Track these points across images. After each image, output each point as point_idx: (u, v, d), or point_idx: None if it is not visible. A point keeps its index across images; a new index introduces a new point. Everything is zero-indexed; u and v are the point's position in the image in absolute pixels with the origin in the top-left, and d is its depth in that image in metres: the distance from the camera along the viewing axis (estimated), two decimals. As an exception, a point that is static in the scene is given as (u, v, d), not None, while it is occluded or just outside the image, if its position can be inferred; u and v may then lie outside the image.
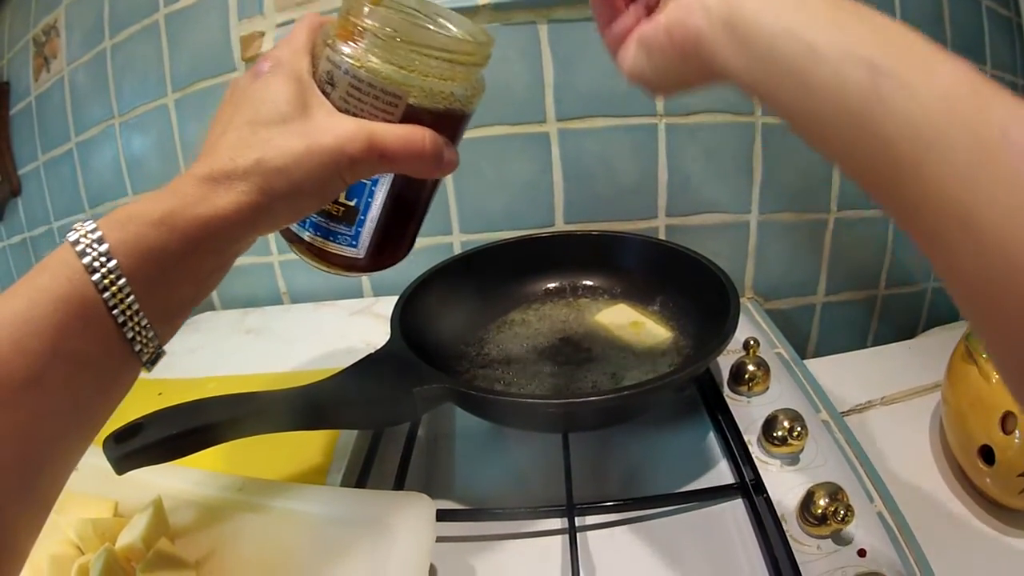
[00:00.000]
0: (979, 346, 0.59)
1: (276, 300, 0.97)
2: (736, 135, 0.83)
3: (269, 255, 0.94)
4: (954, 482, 0.60)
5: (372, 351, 0.57)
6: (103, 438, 0.48)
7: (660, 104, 0.81)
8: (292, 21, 0.83)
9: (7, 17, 1.06)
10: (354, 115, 0.37)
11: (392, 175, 0.41)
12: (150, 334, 0.31)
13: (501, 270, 0.76)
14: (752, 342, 0.65)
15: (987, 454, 0.55)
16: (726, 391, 0.64)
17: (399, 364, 0.56)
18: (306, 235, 0.44)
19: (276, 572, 0.46)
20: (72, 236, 0.29)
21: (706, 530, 0.51)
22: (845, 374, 0.76)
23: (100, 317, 0.29)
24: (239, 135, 0.34)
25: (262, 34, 0.85)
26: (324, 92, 0.37)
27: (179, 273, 0.31)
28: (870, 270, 0.92)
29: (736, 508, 0.53)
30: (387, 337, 0.60)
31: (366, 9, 0.37)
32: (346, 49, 0.37)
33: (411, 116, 0.38)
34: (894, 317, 0.96)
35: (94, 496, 0.52)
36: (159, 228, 0.30)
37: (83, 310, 0.28)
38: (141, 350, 0.31)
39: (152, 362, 0.32)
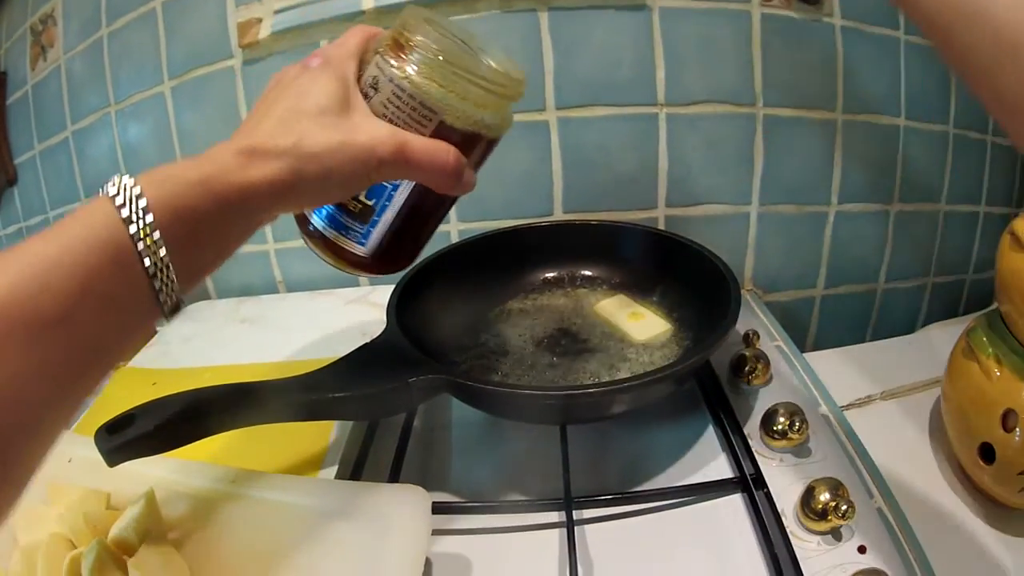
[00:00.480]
0: (980, 342, 0.59)
1: (272, 289, 0.96)
2: (737, 126, 0.82)
3: (265, 243, 0.93)
4: (954, 479, 0.60)
5: (368, 340, 0.57)
6: (95, 430, 0.47)
7: (661, 93, 0.80)
8: (290, 8, 0.82)
9: (5, 7, 1.05)
10: (390, 122, 0.40)
11: (413, 184, 0.44)
12: (175, 287, 0.32)
13: (499, 259, 0.75)
14: (752, 334, 0.65)
15: (987, 452, 0.55)
16: (725, 384, 0.63)
17: (395, 354, 0.55)
18: (323, 228, 0.46)
19: (269, 564, 0.46)
20: (111, 190, 0.31)
21: (705, 525, 0.51)
22: (844, 368, 0.76)
23: (131, 264, 0.31)
24: (281, 119, 0.36)
25: (259, 20, 0.84)
26: (366, 96, 0.40)
27: (208, 234, 0.33)
28: (870, 264, 0.91)
29: (735, 503, 0.52)
30: (384, 326, 0.59)
31: (420, 28, 0.41)
32: (394, 61, 0.40)
33: (441, 133, 0.41)
34: (893, 312, 0.95)
35: (87, 488, 0.51)
36: (196, 189, 0.32)
37: (117, 255, 0.30)
38: (165, 301, 0.32)
39: (172, 312, 0.34)
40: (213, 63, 0.87)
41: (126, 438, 0.47)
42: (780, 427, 0.54)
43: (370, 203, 0.44)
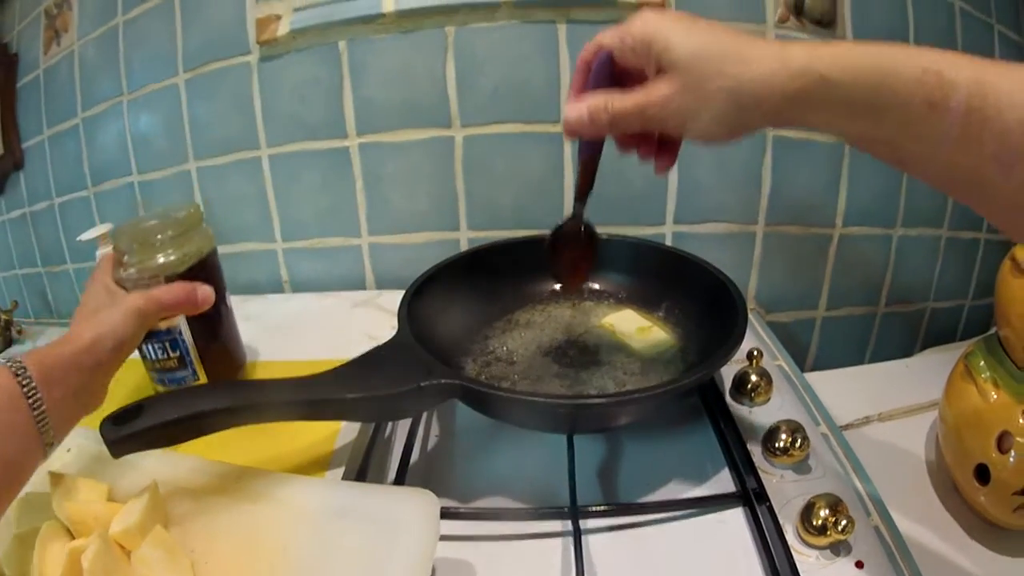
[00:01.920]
0: (978, 365, 0.60)
1: (277, 288, 0.97)
2: (747, 145, 0.83)
3: (273, 242, 0.94)
4: (949, 500, 0.61)
5: (377, 343, 0.57)
6: (99, 421, 0.48)
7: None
8: (310, 6, 0.83)
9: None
10: None
11: (183, 320, 0.63)
12: (49, 421, 0.44)
13: (508, 268, 0.75)
14: (755, 352, 0.65)
15: (982, 473, 0.55)
16: (729, 400, 0.64)
17: (406, 357, 0.56)
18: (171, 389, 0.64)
19: (272, 564, 0.45)
20: (8, 361, 0.44)
21: (708, 537, 0.52)
22: (843, 389, 0.76)
23: (20, 402, 0.43)
24: (83, 320, 0.51)
25: (278, 17, 0.85)
26: (123, 287, 0.57)
27: (65, 382, 0.45)
28: (871, 287, 0.92)
29: (737, 516, 0.53)
30: (390, 330, 0.59)
31: (117, 238, 0.61)
32: (119, 267, 0.60)
33: (171, 280, 0.60)
34: (892, 335, 0.96)
35: (86, 480, 0.51)
36: (51, 356, 0.46)
37: (11, 398, 0.42)
38: (43, 425, 0.43)
39: (50, 444, 0.44)
40: (229, 58, 0.88)
41: (133, 429, 0.47)
42: (782, 444, 0.55)
43: (176, 353, 0.64)
